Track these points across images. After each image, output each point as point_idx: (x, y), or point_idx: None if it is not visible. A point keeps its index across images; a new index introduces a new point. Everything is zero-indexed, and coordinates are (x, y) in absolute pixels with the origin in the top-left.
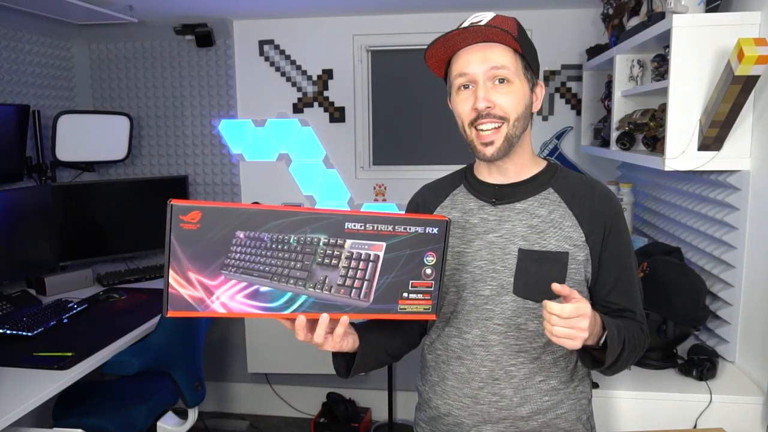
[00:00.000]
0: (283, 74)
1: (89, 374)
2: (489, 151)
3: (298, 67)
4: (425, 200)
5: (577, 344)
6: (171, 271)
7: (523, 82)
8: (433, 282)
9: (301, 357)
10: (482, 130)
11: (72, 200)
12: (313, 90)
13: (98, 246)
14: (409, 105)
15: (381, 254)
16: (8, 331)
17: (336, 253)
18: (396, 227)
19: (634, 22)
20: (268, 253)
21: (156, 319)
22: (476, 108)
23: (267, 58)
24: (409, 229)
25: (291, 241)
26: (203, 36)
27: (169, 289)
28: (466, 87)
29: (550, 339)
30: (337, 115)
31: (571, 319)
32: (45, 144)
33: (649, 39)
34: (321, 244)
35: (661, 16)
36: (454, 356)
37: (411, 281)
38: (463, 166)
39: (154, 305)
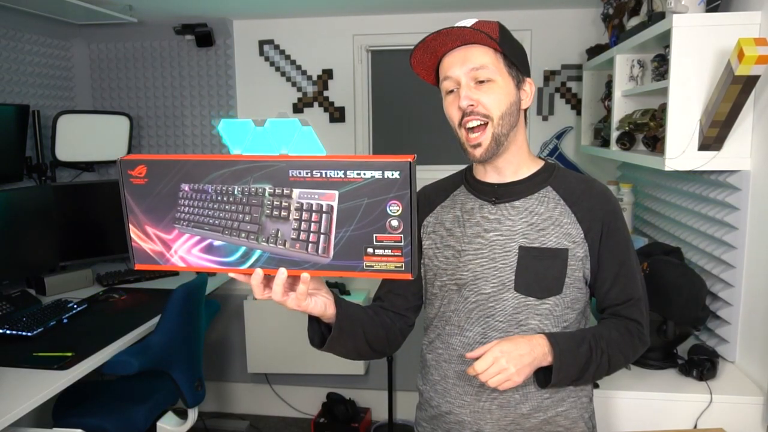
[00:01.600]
0: (283, 74)
1: (89, 374)
2: (478, 152)
3: (298, 67)
4: (426, 199)
5: (517, 380)
6: (130, 225)
7: (506, 80)
8: (402, 236)
9: (301, 357)
10: (469, 129)
11: (72, 200)
12: (313, 90)
13: (98, 246)
14: (409, 105)
15: (335, 204)
16: (8, 331)
17: (284, 204)
18: (347, 173)
19: (634, 22)
20: (215, 206)
21: (156, 319)
22: (460, 107)
23: (267, 58)
24: (364, 174)
25: (235, 192)
26: (203, 36)
27: (132, 243)
28: (452, 91)
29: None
30: (337, 115)
31: (489, 370)
32: (45, 144)
33: (649, 39)
34: (266, 194)
35: (661, 16)
36: (455, 354)
37: (375, 235)
38: (464, 166)
39: (154, 305)
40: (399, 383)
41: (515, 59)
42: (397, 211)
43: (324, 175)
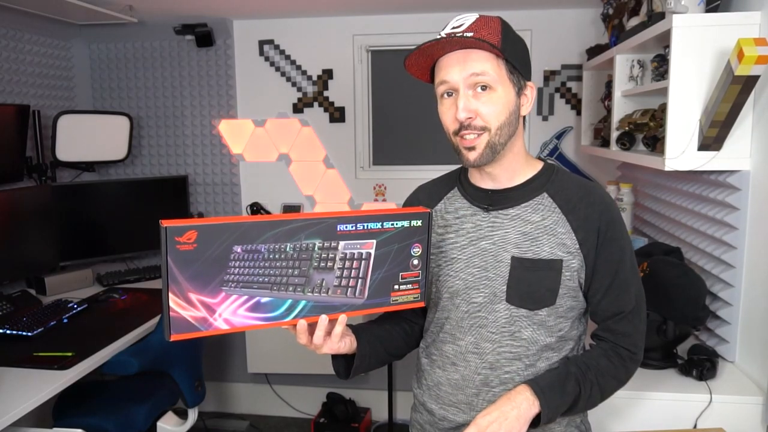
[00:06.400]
0: (283, 74)
1: (89, 374)
2: (472, 156)
3: (298, 67)
4: (420, 203)
5: None
6: (171, 295)
7: (507, 88)
8: (420, 272)
9: (301, 357)
10: (464, 137)
11: (72, 200)
12: (313, 90)
13: (98, 246)
14: (409, 105)
15: (372, 251)
16: (8, 331)
17: (330, 255)
18: (384, 224)
19: (634, 22)
20: (266, 264)
21: (156, 319)
22: (457, 118)
23: (267, 58)
24: (396, 224)
25: (287, 249)
26: (203, 36)
27: (171, 313)
28: (449, 95)
29: None
30: (337, 115)
31: None
32: (45, 144)
33: (649, 39)
34: (316, 248)
35: (661, 16)
36: (448, 362)
37: (401, 273)
38: (459, 167)
39: (154, 305)
40: (399, 383)
41: (517, 63)
42: (418, 252)
43: (365, 228)
